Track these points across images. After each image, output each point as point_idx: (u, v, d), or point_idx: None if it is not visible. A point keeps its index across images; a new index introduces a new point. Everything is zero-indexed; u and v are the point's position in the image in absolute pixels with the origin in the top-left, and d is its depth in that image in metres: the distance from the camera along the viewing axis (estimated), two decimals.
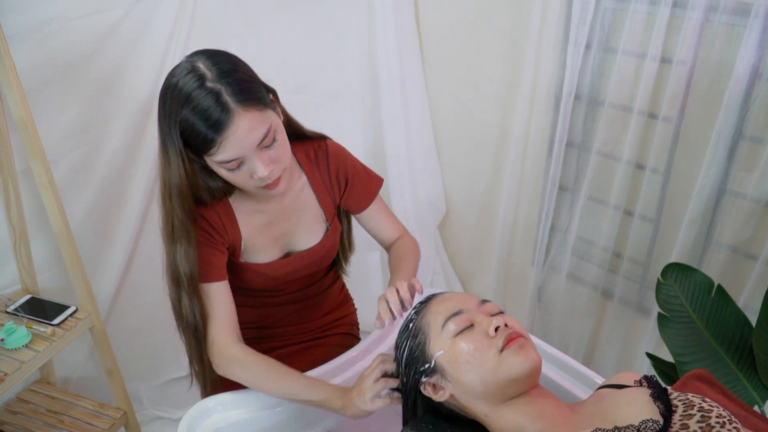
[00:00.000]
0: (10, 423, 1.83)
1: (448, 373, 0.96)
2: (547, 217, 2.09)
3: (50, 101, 1.71)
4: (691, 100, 1.67)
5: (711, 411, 0.82)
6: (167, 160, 1.11)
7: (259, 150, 1.09)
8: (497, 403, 0.94)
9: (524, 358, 0.92)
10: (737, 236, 1.67)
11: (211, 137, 1.04)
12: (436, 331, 0.98)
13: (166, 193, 1.15)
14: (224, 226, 1.24)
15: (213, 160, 1.09)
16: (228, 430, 1.21)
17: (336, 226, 1.39)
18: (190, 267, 1.17)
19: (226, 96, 1.04)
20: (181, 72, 1.07)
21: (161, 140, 1.11)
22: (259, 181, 1.12)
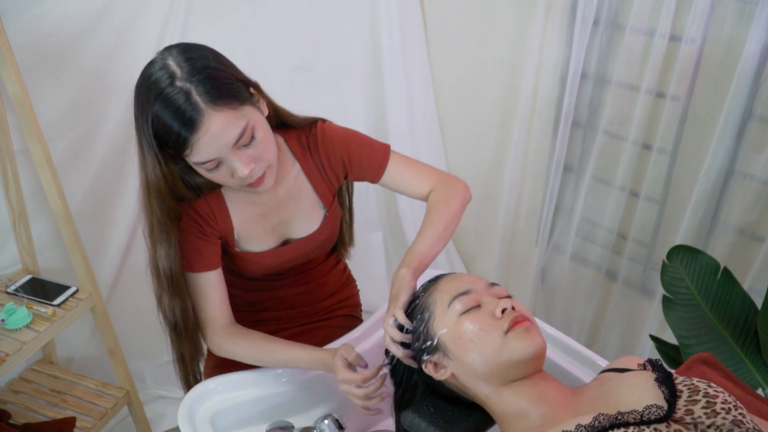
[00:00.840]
0: (13, 402, 1.83)
1: (450, 351, 0.95)
2: (552, 197, 2.07)
3: (47, 79, 1.69)
4: (700, 79, 1.64)
5: (716, 396, 0.80)
6: (144, 159, 1.08)
7: (236, 149, 1.05)
8: (499, 384, 0.93)
9: (529, 342, 0.90)
10: (744, 218, 1.65)
11: (183, 139, 1.00)
12: (441, 309, 0.97)
13: (145, 192, 1.12)
14: (214, 216, 1.21)
15: (190, 161, 1.06)
16: (229, 411, 1.20)
17: (335, 211, 1.34)
18: (170, 266, 1.15)
19: (196, 96, 0.99)
20: (153, 69, 1.03)
21: (137, 138, 1.07)
22: (240, 180, 1.09)
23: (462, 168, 2.47)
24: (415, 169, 1.32)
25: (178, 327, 1.22)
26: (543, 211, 2.13)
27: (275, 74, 2.12)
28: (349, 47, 2.24)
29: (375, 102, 2.32)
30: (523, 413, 0.91)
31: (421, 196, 1.32)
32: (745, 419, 0.78)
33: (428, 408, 1.03)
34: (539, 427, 0.87)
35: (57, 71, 1.71)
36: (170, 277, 1.16)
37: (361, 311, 1.61)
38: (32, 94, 1.57)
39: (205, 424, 1.16)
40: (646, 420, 0.79)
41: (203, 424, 1.16)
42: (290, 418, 1.23)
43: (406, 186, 1.33)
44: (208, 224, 1.21)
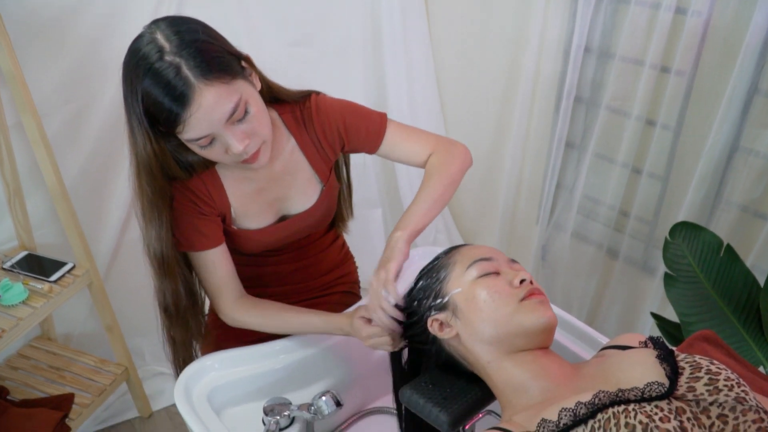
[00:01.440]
0: (12, 378, 1.83)
1: (461, 311, 0.94)
2: (553, 174, 2.05)
3: (40, 53, 1.66)
4: (705, 53, 1.61)
5: (719, 374, 0.79)
6: (134, 138, 1.04)
7: (230, 125, 1.02)
8: (502, 353, 0.92)
9: (542, 314, 0.90)
10: (748, 195, 1.63)
11: (175, 115, 0.97)
12: (459, 270, 0.97)
13: (135, 172, 1.08)
14: (210, 195, 1.18)
15: (182, 138, 1.02)
16: (226, 388, 1.19)
17: (332, 185, 1.32)
18: (161, 248, 1.13)
19: (186, 70, 0.95)
20: (141, 44, 0.99)
21: (127, 117, 1.03)
22: (235, 157, 1.05)
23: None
24: (413, 136, 1.29)
25: (169, 310, 1.21)
26: (544, 188, 2.11)
27: (274, 49, 2.08)
28: (349, 21, 2.20)
29: (375, 77, 2.29)
30: (522, 387, 0.90)
31: (420, 162, 1.29)
32: (748, 396, 0.76)
33: (426, 384, 1.02)
34: (539, 404, 0.86)
35: (51, 45, 1.68)
36: (161, 259, 1.14)
37: (360, 288, 1.60)
38: (26, 68, 1.55)
39: (202, 400, 1.15)
40: (647, 397, 0.77)
41: (200, 400, 1.15)
42: (288, 395, 1.22)
43: (405, 154, 1.30)
44: (205, 203, 1.18)
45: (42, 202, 1.81)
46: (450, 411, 0.97)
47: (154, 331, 2.17)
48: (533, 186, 2.18)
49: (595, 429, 0.75)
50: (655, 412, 0.73)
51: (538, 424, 0.80)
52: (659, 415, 0.73)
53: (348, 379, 1.30)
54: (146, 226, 1.12)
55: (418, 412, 1.00)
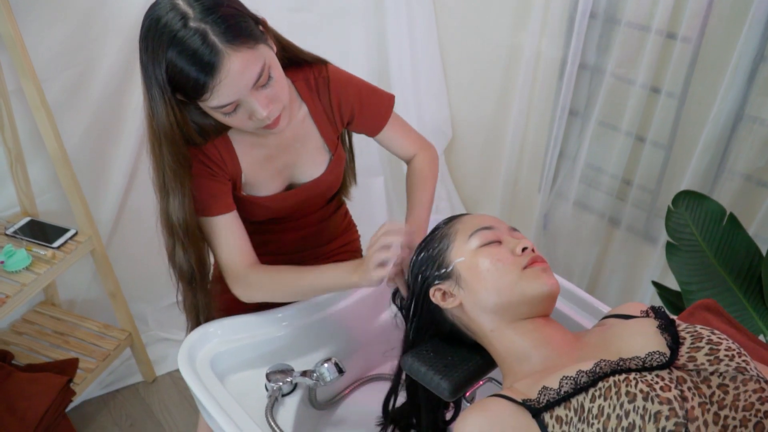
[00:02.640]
0: (16, 343, 1.85)
1: (464, 280, 0.94)
2: (556, 142, 2.04)
3: (39, 17, 1.64)
4: (712, 20, 1.59)
5: (720, 343, 0.79)
6: (153, 107, 1.02)
7: (255, 90, 1.01)
8: (506, 321, 0.93)
9: (545, 281, 0.90)
10: (752, 164, 1.62)
11: (202, 83, 0.96)
12: (462, 239, 0.97)
13: (155, 142, 1.06)
14: (223, 160, 1.18)
15: (207, 106, 1.02)
16: (228, 354, 1.20)
17: (339, 155, 1.32)
18: (184, 216, 1.12)
19: (213, 36, 0.94)
20: (161, 11, 0.97)
21: (146, 85, 1.02)
22: (258, 122, 1.06)
23: (464, 112, 2.42)
24: (405, 130, 1.37)
25: (194, 279, 1.20)
26: (547, 156, 2.10)
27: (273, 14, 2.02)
28: None
29: (376, 43, 2.25)
30: (525, 355, 0.91)
31: (406, 157, 1.39)
32: (748, 366, 0.77)
33: (428, 353, 1.03)
34: (540, 372, 0.87)
35: (51, 10, 1.65)
36: (185, 228, 1.13)
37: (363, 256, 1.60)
38: (25, 33, 1.53)
39: (205, 366, 1.16)
40: (648, 366, 0.78)
41: (203, 366, 1.16)
42: (290, 362, 1.23)
43: (397, 146, 1.38)
44: (219, 167, 1.18)
45: (44, 168, 1.81)
46: (451, 379, 0.98)
47: (158, 297, 2.22)
48: (536, 154, 2.17)
49: (596, 397, 0.76)
50: (656, 381, 0.74)
51: (539, 391, 0.81)
52: (660, 384, 0.74)
53: (350, 346, 1.31)
54: (166, 197, 1.11)
55: (419, 379, 1.01)
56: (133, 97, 1.89)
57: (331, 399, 1.32)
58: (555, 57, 1.96)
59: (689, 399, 0.73)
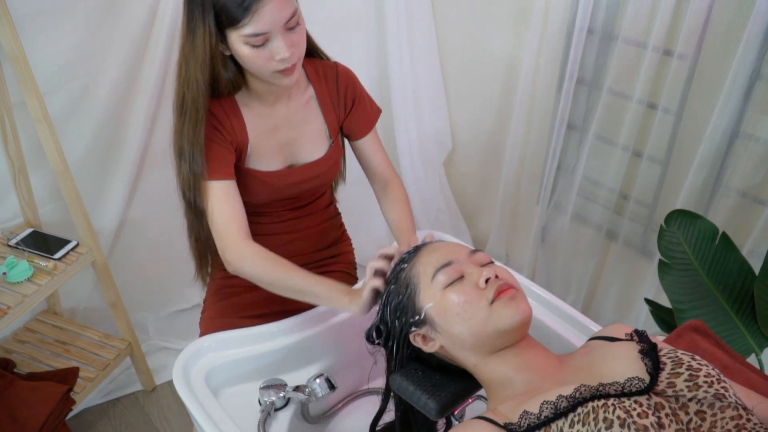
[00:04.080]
0: (19, 352, 1.88)
1: (437, 324, 0.95)
2: (554, 155, 2.05)
3: (43, 31, 1.66)
4: (708, 37, 1.59)
5: (699, 370, 0.80)
6: (193, 28, 1.12)
7: (284, 29, 1.12)
8: (486, 354, 0.94)
9: (515, 310, 0.90)
10: (747, 181, 1.63)
11: (246, 7, 1.07)
12: (425, 283, 0.97)
13: (184, 64, 1.16)
14: (232, 126, 1.26)
15: (241, 34, 1.10)
16: (223, 368, 1.22)
17: (338, 145, 1.41)
18: (193, 146, 1.18)
19: None
20: None
21: (188, 8, 1.12)
22: (278, 63, 1.14)
23: (464, 123, 2.44)
24: (382, 149, 1.45)
25: (197, 207, 1.25)
26: (545, 169, 2.11)
27: None
28: None
29: (377, 54, 2.27)
30: (508, 381, 0.92)
31: (380, 175, 1.43)
32: (727, 393, 0.78)
33: (416, 372, 1.04)
34: (523, 395, 0.88)
35: (54, 24, 1.68)
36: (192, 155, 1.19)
37: (356, 269, 1.62)
38: (29, 46, 1.56)
39: (200, 381, 1.17)
40: (626, 392, 0.79)
41: (198, 380, 1.17)
42: (284, 376, 1.24)
43: (373, 158, 1.43)
44: (226, 130, 1.25)
45: (46, 179, 1.83)
46: (438, 398, 0.99)
47: (158, 305, 2.24)
48: (534, 166, 2.18)
49: (574, 422, 0.77)
50: (633, 408, 0.75)
51: (520, 415, 0.82)
52: (638, 410, 0.75)
53: (344, 361, 1.32)
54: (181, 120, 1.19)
55: (407, 398, 1.02)
56: (135, 108, 1.92)
57: (323, 413, 1.34)
58: (553, 71, 1.97)
59: (666, 426, 0.74)
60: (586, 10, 1.77)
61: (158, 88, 1.91)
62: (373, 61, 2.28)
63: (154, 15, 1.83)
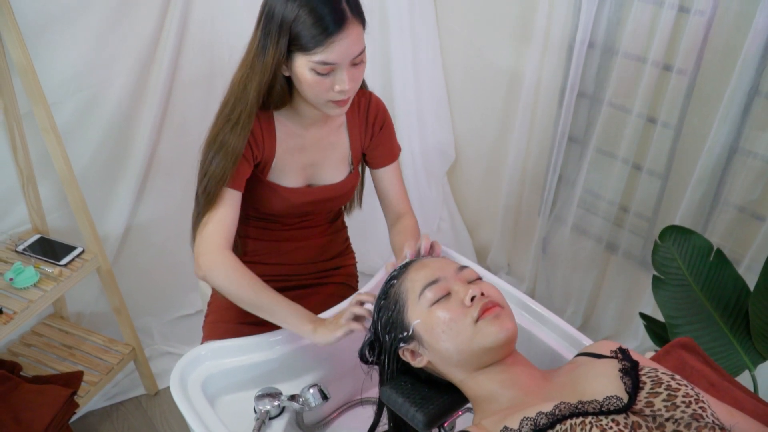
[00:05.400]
0: (25, 355, 1.91)
1: (425, 341, 0.97)
2: (555, 167, 2.06)
3: (52, 43, 1.70)
4: (707, 53, 1.61)
5: (678, 390, 0.82)
6: (262, 51, 1.16)
7: (350, 64, 1.17)
8: (472, 370, 0.96)
9: (499, 328, 0.92)
10: (746, 196, 1.63)
11: (325, 36, 1.11)
12: (413, 299, 0.99)
13: (242, 81, 1.20)
14: (263, 139, 1.29)
15: (311, 60, 1.14)
16: (219, 377, 1.24)
17: (357, 172, 1.45)
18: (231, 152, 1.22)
19: (345, 4, 1.13)
20: None
21: (264, 31, 1.15)
22: (336, 95, 1.19)
23: (468, 134, 2.46)
24: (404, 187, 1.49)
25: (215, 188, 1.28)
26: (546, 180, 2.12)
27: None
28: None
29: (380, 65, 2.29)
30: (493, 396, 0.93)
31: (395, 208, 1.47)
32: (705, 413, 0.79)
33: (406, 384, 1.06)
34: (506, 410, 0.90)
35: (62, 35, 1.72)
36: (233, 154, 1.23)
37: (357, 282, 1.64)
38: (38, 57, 1.59)
39: (197, 388, 1.20)
40: (605, 410, 0.80)
41: (195, 388, 1.20)
42: (280, 385, 1.26)
43: (391, 190, 1.46)
44: (257, 146, 1.28)
45: (54, 187, 1.87)
46: (426, 411, 1.01)
47: (163, 310, 2.27)
48: (536, 178, 2.20)
49: None
50: (610, 426, 0.77)
51: (501, 431, 0.84)
52: (614, 429, 0.76)
53: (339, 370, 1.34)
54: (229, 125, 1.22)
55: (396, 410, 1.04)
56: (142, 119, 1.95)
57: (318, 422, 1.36)
58: (555, 84, 1.98)
59: None
60: (587, 25, 1.79)
61: (164, 99, 1.94)
62: (377, 72, 2.30)
63: (161, 27, 1.86)
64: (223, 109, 1.25)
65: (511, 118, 2.20)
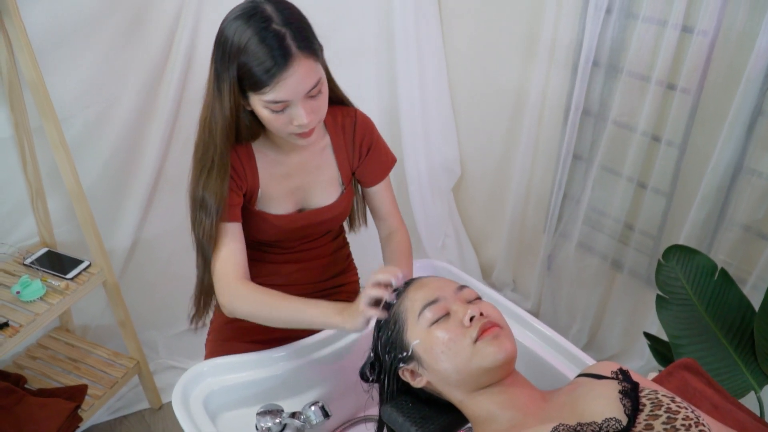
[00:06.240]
0: (30, 368, 1.92)
1: (424, 361, 0.97)
2: (560, 185, 2.06)
3: (63, 59, 1.73)
4: (711, 73, 1.61)
5: (678, 412, 0.81)
6: (219, 93, 1.15)
7: (305, 98, 1.14)
8: (471, 390, 0.95)
9: (497, 349, 0.92)
10: (751, 215, 1.63)
11: (269, 77, 1.08)
12: (412, 319, 0.99)
13: (210, 125, 1.19)
14: (245, 171, 1.28)
15: (262, 99, 1.12)
16: (221, 393, 1.24)
17: (350, 191, 1.43)
18: (219, 197, 1.21)
19: (290, 40, 1.08)
20: (244, 13, 1.11)
21: (216, 73, 1.15)
22: (296, 128, 1.16)
23: (473, 151, 2.46)
24: (393, 199, 1.47)
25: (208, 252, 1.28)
26: (551, 198, 2.12)
27: None
28: (362, 27, 2.23)
29: (387, 82, 2.31)
30: (492, 417, 0.93)
31: (387, 224, 1.45)
32: None
33: (407, 403, 1.06)
34: (506, 431, 0.89)
35: (73, 52, 1.74)
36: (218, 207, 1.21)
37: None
38: (49, 74, 1.62)
39: (199, 405, 1.20)
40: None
41: (196, 405, 1.20)
42: (281, 402, 1.26)
43: (382, 206, 1.45)
44: (239, 177, 1.27)
45: (62, 201, 1.89)
46: (426, 431, 1.01)
47: (168, 324, 2.28)
48: (541, 195, 2.20)
49: None
50: None
51: None
52: None
53: (341, 387, 1.34)
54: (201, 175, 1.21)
55: (396, 429, 1.04)
56: (150, 134, 1.98)
57: None
58: (559, 102, 1.99)
59: None
60: (592, 44, 1.80)
61: (172, 116, 1.96)
62: (384, 90, 2.32)
63: (170, 46, 1.89)
64: (196, 152, 1.23)
65: (516, 135, 2.21)
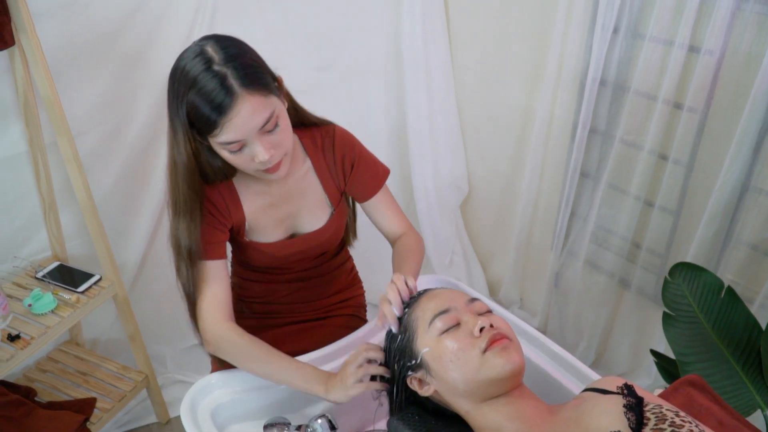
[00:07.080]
0: (40, 381, 1.94)
1: (433, 369, 0.98)
2: (568, 202, 2.07)
3: (78, 76, 1.76)
4: (717, 92, 1.62)
5: (682, 426, 0.82)
6: (175, 139, 1.14)
7: (260, 134, 1.11)
8: (479, 401, 0.96)
9: (506, 360, 0.93)
10: (758, 234, 1.63)
11: (215, 119, 1.07)
12: (423, 328, 1.00)
13: (173, 170, 1.18)
14: (228, 208, 1.28)
15: (216, 141, 1.11)
16: (229, 405, 1.25)
17: (341, 210, 1.41)
18: (190, 242, 1.21)
19: (232, 79, 1.06)
20: (189, 55, 1.10)
21: (170, 119, 1.14)
22: (259, 165, 1.15)
23: (481, 169, 2.48)
24: (398, 209, 1.45)
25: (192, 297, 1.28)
26: (559, 215, 2.13)
27: (299, 72, 2.16)
28: (371, 46, 2.26)
29: (395, 101, 2.34)
30: (498, 428, 0.94)
31: (393, 233, 1.43)
32: None
33: (413, 416, 1.06)
34: None
35: (87, 69, 1.78)
36: (189, 252, 1.22)
37: (366, 312, 1.65)
38: (64, 90, 1.65)
39: (206, 417, 1.21)
40: None
41: (204, 417, 1.21)
42: (288, 415, 1.27)
43: (384, 218, 1.43)
44: (221, 214, 1.27)
45: (74, 215, 1.91)
46: None
47: (177, 339, 2.29)
48: (548, 213, 2.21)
49: None
50: None
51: None
52: None
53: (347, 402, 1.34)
54: (176, 219, 1.21)
55: None
56: (162, 150, 2.00)
57: None
58: (567, 120, 2.01)
59: None
60: (599, 63, 1.82)
61: None
62: (392, 107, 2.34)
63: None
64: (168, 201, 1.23)
65: (523, 153, 2.22)
